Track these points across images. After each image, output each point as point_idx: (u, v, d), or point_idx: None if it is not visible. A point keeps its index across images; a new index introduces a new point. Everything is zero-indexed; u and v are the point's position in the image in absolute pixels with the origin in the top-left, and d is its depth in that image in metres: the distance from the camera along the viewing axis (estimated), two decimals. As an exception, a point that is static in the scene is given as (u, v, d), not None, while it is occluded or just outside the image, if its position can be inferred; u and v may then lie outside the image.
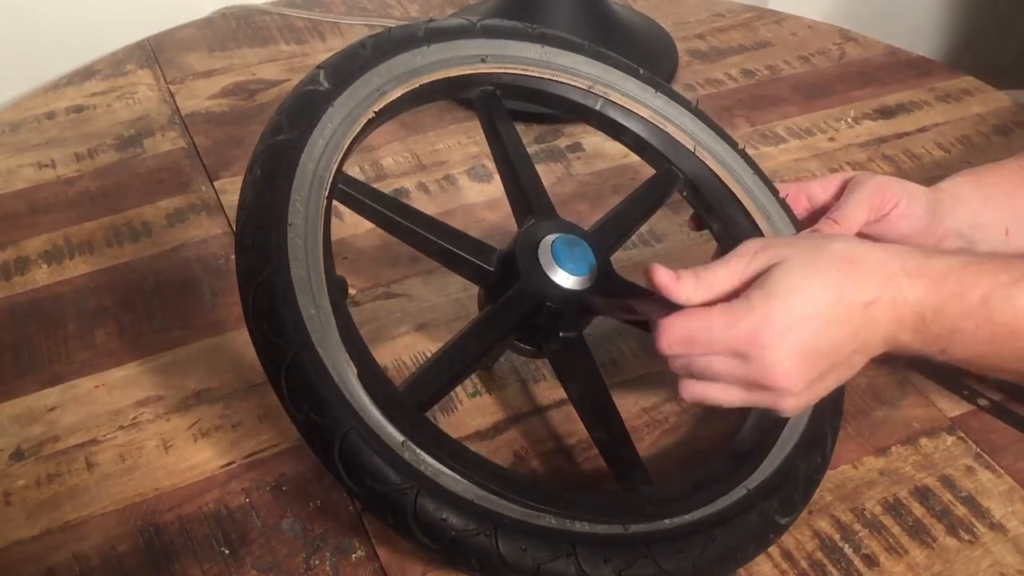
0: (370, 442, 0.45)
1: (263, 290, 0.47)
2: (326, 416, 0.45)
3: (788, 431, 0.55)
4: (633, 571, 0.46)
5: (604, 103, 0.65)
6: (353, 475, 0.45)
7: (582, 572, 0.46)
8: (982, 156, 0.86)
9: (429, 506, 0.45)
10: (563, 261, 0.55)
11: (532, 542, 0.46)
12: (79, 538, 0.55)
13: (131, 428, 0.61)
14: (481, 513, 0.46)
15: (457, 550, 0.45)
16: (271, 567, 0.53)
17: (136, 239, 0.75)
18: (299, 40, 1.00)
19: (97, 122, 0.88)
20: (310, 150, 0.51)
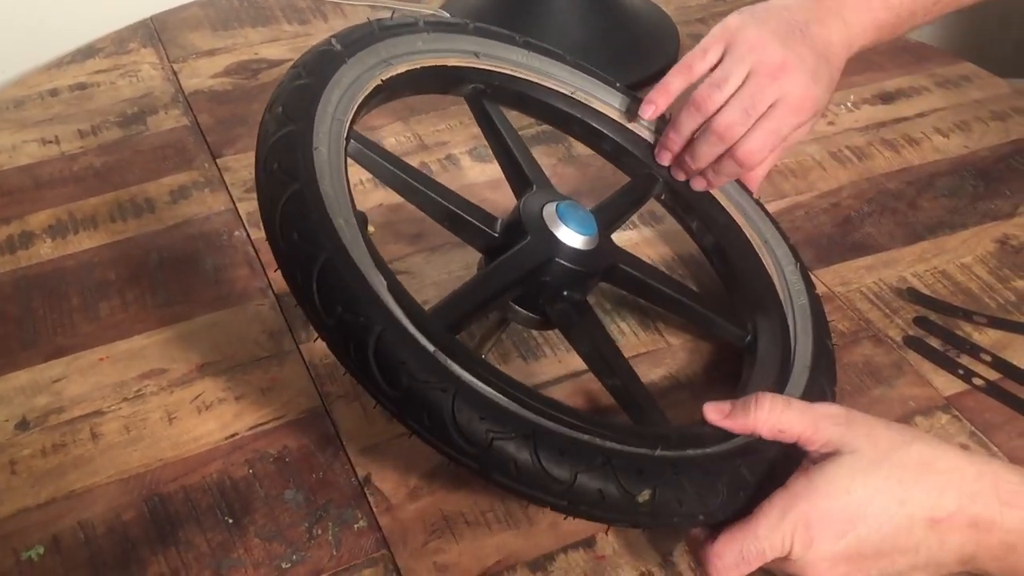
0: (406, 342, 0.45)
1: (293, 201, 0.47)
2: (361, 315, 0.44)
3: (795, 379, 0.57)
4: (665, 485, 0.46)
5: (585, 109, 0.68)
6: (388, 374, 0.44)
7: (618, 483, 0.45)
8: (980, 141, 0.86)
9: (468, 407, 0.44)
10: (568, 221, 0.56)
11: (570, 451, 0.45)
12: (84, 506, 0.55)
13: (135, 400, 0.61)
14: (520, 419, 0.45)
15: (494, 455, 0.44)
16: (274, 536, 0.54)
17: (140, 215, 0.75)
18: (302, 20, 1.01)
19: (100, 99, 0.88)
20: (327, 96, 0.53)
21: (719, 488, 0.47)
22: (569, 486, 0.44)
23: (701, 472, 0.47)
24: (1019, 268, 0.73)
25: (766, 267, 0.65)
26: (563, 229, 0.56)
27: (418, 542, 0.54)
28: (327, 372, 0.63)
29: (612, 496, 0.44)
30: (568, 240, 0.56)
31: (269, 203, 0.48)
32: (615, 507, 0.45)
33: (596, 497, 0.44)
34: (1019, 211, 0.79)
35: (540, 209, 0.57)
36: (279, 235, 0.47)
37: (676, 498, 0.46)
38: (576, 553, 0.54)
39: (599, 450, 0.45)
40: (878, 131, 0.87)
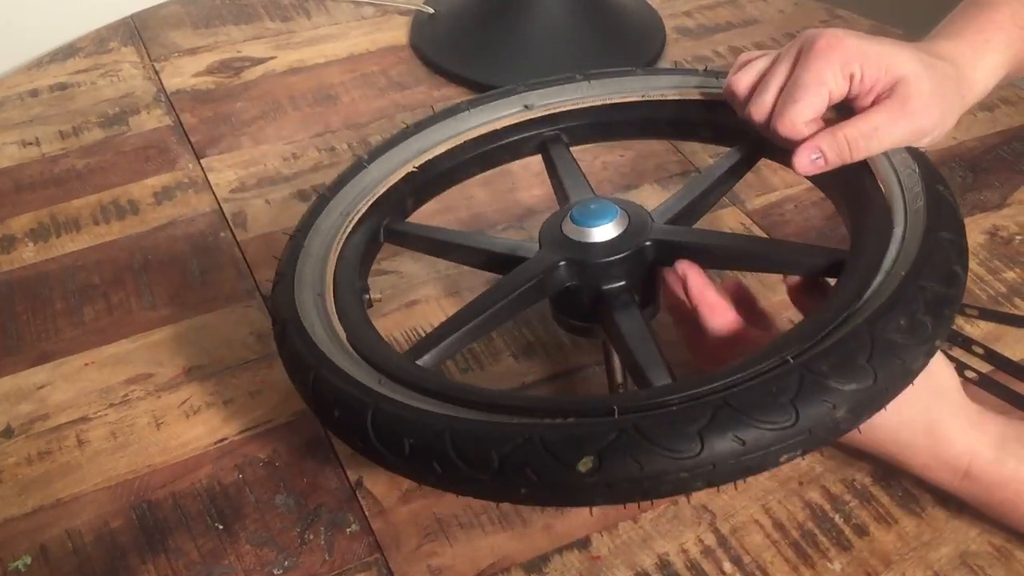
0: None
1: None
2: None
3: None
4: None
5: (663, 106, 0.63)
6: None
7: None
8: (968, 132, 0.86)
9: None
10: (581, 220, 0.53)
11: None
12: (71, 515, 0.55)
13: (122, 405, 0.60)
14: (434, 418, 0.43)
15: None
16: (265, 541, 0.53)
17: (123, 217, 0.74)
18: (284, 17, 1.00)
19: (81, 100, 0.87)
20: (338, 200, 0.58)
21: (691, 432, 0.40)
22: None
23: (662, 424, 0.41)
24: (1009, 259, 0.73)
25: (880, 184, 0.56)
26: (572, 227, 0.53)
27: (411, 545, 0.53)
28: (316, 374, 0.62)
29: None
30: (577, 236, 0.53)
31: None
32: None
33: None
34: (1008, 202, 0.78)
35: (559, 219, 0.55)
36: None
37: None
38: (571, 554, 0.53)
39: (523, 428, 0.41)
40: (866, 123, 0.87)
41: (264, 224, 0.74)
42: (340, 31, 0.98)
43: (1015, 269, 0.72)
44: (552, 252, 0.53)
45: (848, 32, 0.55)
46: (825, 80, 0.54)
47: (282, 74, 0.91)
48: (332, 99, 0.88)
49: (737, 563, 0.53)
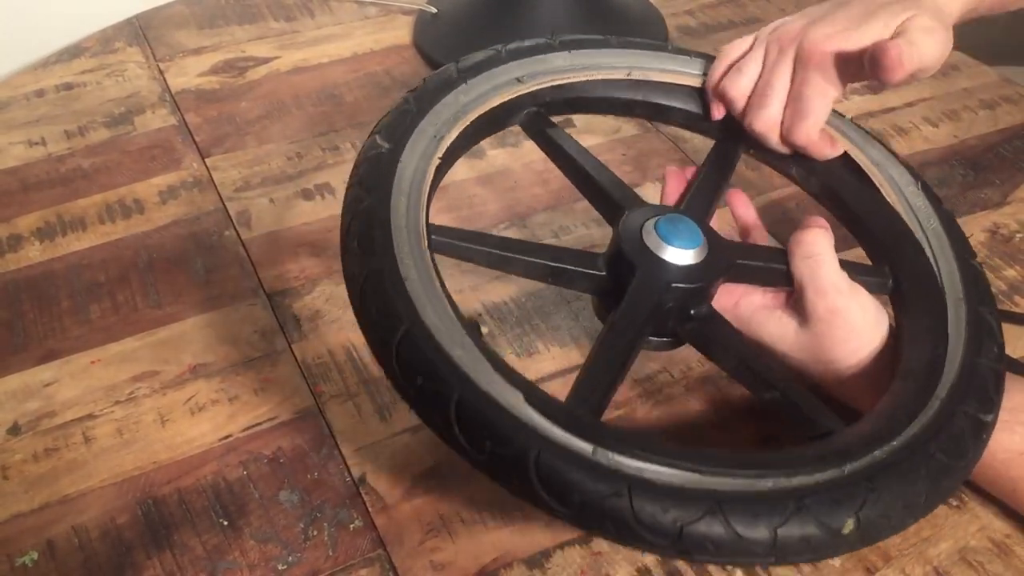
0: (562, 455, 0.42)
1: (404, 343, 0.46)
2: (511, 444, 0.42)
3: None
4: (866, 514, 0.43)
5: (646, 87, 0.64)
6: (557, 495, 0.42)
7: (819, 523, 0.42)
8: (969, 130, 0.87)
9: (647, 502, 0.41)
10: (672, 239, 0.53)
11: (761, 509, 0.42)
12: (78, 511, 0.55)
13: (128, 403, 0.61)
14: (702, 494, 0.42)
15: (688, 541, 0.41)
16: (269, 537, 0.54)
17: (128, 216, 0.75)
18: (288, 17, 1.00)
19: (87, 100, 0.88)
20: (395, 210, 0.50)
21: (920, 490, 0.44)
22: (771, 545, 0.42)
23: (898, 478, 0.44)
24: (1010, 257, 0.73)
25: (885, 196, 0.60)
26: (669, 250, 0.53)
27: (414, 541, 0.54)
28: (320, 372, 0.63)
29: (816, 538, 0.42)
30: (678, 260, 0.53)
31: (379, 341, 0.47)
32: (823, 547, 0.43)
33: (802, 546, 0.42)
34: (1009, 200, 0.79)
35: (640, 234, 0.54)
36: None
37: (882, 515, 0.43)
38: (572, 549, 0.54)
39: (788, 494, 0.42)
40: (867, 121, 0.87)
41: (268, 223, 0.74)
42: (344, 31, 0.98)
43: (1015, 267, 0.72)
44: (656, 274, 0.52)
45: (825, 23, 0.57)
46: (828, 93, 0.57)
47: (286, 74, 0.91)
48: (336, 98, 0.88)
49: (737, 558, 0.53)
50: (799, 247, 0.56)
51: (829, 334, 0.54)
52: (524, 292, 0.69)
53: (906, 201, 0.60)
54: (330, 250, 0.72)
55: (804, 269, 0.55)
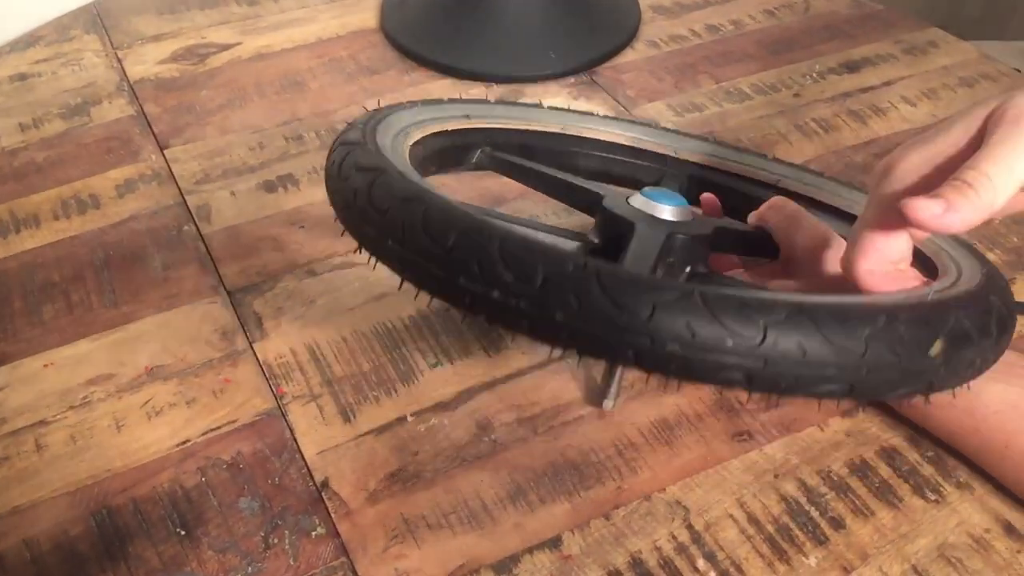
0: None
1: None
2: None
3: None
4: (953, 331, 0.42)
5: (584, 142, 0.67)
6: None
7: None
8: (947, 109, 0.85)
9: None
10: (661, 199, 0.54)
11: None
12: (29, 523, 0.53)
13: (81, 408, 0.59)
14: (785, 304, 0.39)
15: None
16: (228, 547, 0.52)
17: (84, 211, 0.72)
18: (251, 1, 0.97)
19: (42, 90, 0.85)
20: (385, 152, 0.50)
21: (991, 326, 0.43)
22: (862, 355, 0.39)
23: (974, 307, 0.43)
24: (989, 240, 0.71)
25: (830, 202, 0.63)
26: (662, 207, 0.53)
27: (378, 548, 0.52)
28: (282, 372, 0.61)
29: (906, 356, 0.40)
30: (672, 216, 0.53)
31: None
32: (911, 368, 0.40)
33: (892, 359, 0.40)
34: (988, 181, 0.77)
35: (627, 203, 0.54)
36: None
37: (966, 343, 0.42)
38: (542, 554, 0.52)
39: (880, 309, 0.40)
40: (844, 101, 0.86)
41: (229, 217, 0.72)
42: (308, 15, 0.96)
43: (995, 250, 0.71)
44: (656, 226, 0.52)
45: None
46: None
47: (248, 60, 0.89)
48: (300, 85, 0.86)
49: (711, 559, 0.52)
50: (773, 211, 0.57)
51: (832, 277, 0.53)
52: (493, 285, 0.67)
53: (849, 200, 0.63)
54: (293, 244, 0.70)
55: (787, 225, 0.55)
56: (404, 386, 0.60)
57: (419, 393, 0.60)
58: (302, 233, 0.71)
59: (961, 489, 0.55)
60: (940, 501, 0.54)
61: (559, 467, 0.56)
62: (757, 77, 0.89)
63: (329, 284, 0.67)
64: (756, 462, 0.56)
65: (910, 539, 0.53)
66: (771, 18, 0.97)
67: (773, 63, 0.91)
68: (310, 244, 0.70)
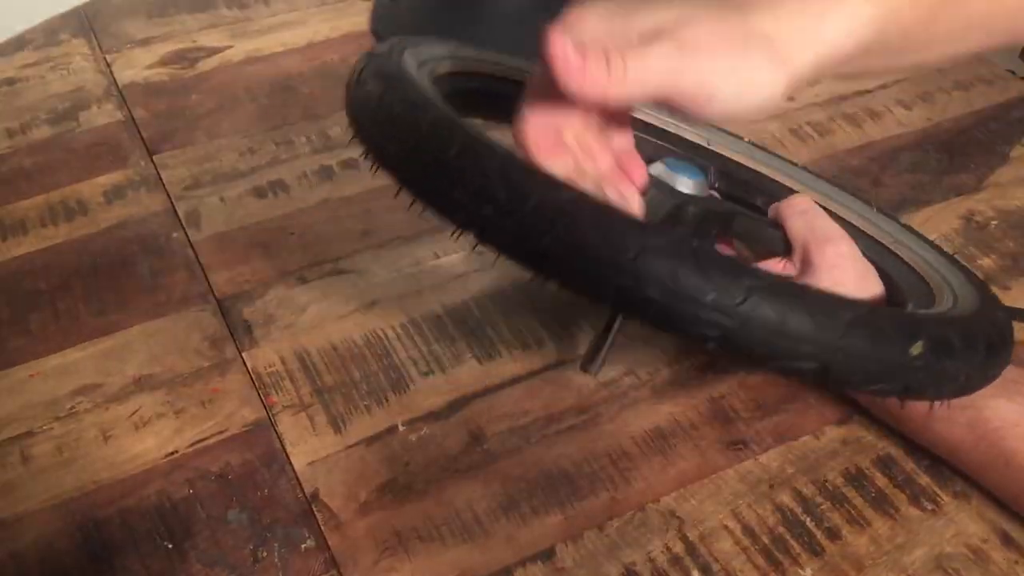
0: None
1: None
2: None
3: None
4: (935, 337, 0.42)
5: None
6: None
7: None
8: (943, 113, 0.84)
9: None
10: (681, 171, 0.54)
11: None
12: (14, 537, 0.52)
13: (68, 418, 0.58)
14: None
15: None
16: (216, 560, 0.51)
17: (72, 218, 0.72)
18: (242, 4, 0.96)
19: (30, 95, 0.84)
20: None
21: (978, 347, 0.44)
22: (840, 336, 0.39)
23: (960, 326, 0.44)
24: (985, 245, 0.71)
25: (846, 217, 0.62)
26: (678, 178, 0.54)
27: (369, 561, 0.51)
28: (272, 381, 0.60)
29: (884, 348, 0.40)
30: (686, 188, 0.54)
31: None
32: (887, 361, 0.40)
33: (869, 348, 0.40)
34: (984, 185, 0.77)
35: (647, 168, 0.53)
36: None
37: (946, 354, 0.42)
38: (534, 566, 0.51)
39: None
40: (839, 105, 0.85)
41: (219, 223, 0.71)
42: (299, 18, 0.95)
43: (991, 256, 0.70)
44: (670, 195, 0.53)
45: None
46: None
47: (239, 64, 0.88)
48: (291, 90, 0.85)
49: (706, 571, 0.51)
50: (789, 207, 0.56)
51: (843, 281, 0.52)
52: (486, 292, 0.66)
53: (864, 216, 0.62)
54: (284, 251, 0.69)
55: (801, 223, 0.55)
56: (395, 395, 0.59)
57: (410, 402, 0.59)
58: (293, 240, 0.70)
59: (958, 499, 0.54)
60: (937, 511, 0.54)
61: (552, 477, 0.55)
62: (751, 80, 0.88)
63: (320, 292, 0.66)
64: (751, 471, 0.56)
65: (907, 550, 0.52)
66: (765, 21, 0.97)
67: (767, 66, 0.90)
68: (301, 251, 0.69)
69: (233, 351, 0.62)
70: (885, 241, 0.60)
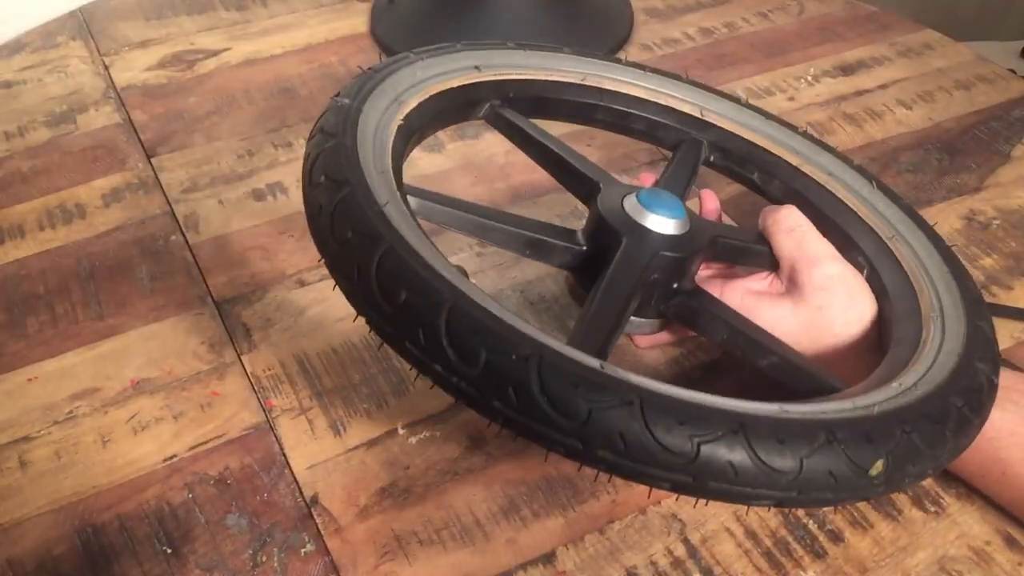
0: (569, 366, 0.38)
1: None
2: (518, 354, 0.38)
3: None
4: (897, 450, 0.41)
5: (603, 94, 0.64)
6: (560, 407, 0.38)
7: (849, 460, 0.39)
8: (944, 112, 0.84)
9: (659, 415, 0.37)
10: (655, 207, 0.53)
11: (787, 436, 0.39)
12: (12, 542, 0.52)
13: (66, 423, 0.58)
14: (724, 414, 0.38)
15: (707, 464, 0.37)
16: (215, 565, 0.51)
17: (69, 221, 0.71)
18: (240, 6, 0.96)
19: (27, 98, 0.84)
20: (363, 153, 0.47)
21: (947, 435, 0.42)
22: (796, 475, 0.38)
23: (927, 420, 0.42)
24: (986, 245, 0.71)
25: (845, 201, 0.60)
26: (653, 218, 0.52)
27: (369, 565, 0.51)
28: (271, 385, 0.60)
29: (844, 475, 0.39)
30: (663, 229, 0.52)
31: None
32: (848, 487, 0.40)
33: (827, 480, 0.39)
34: (985, 184, 0.76)
35: (621, 205, 0.53)
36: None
37: (910, 460, 0.41)
38: (535, 569, 0.51)
39: (818, 425, 0.40)
40: (839, 105, 0.85)
41: (217, 226, 0.71)
42: (297, 20, 0.95)
43: (992, 255, 0.70)
44: (643, 242, 0.52)
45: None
46: None
47: (237, 66, 0.88)
48: (289, 92, 0.85)
49: (708, 574, 0.51)
50: (777, 223, 0.55)
51: (830, 304, 0.52)
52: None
53: (872, 208, 0.60)
54: (282, 253, 0.69)
55: (790, 243, 0.54)
56: (395, 398, 0.59)
57: (410, 405, 0.59)
58: (291, 242, 0.70)
59: (961, 501, 0.54)
60: (940, 513, 0.54)
61: (553, 481, 0.55)
62: (751, 80, 0.88)
63: (319, 294, 0.66)
64: (753, 474, 0.55)
65: (910, 552, 0.52)
66: (765, 21, 0.97)
67: (767, 66, 0.90)
68: (299, 253, 0.68)
69: (232, 354, 0.62)
70: (883, 233, 0.58)
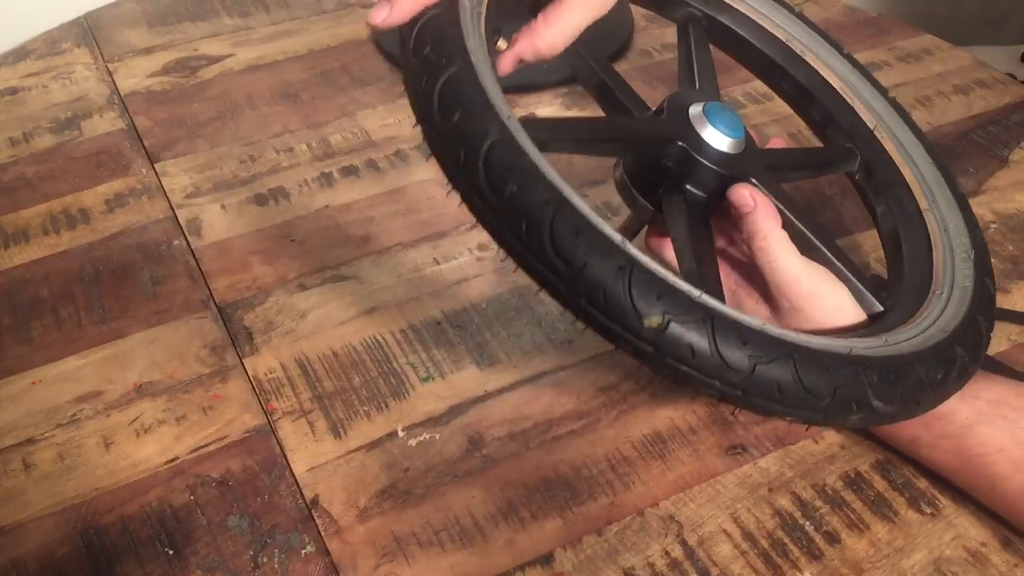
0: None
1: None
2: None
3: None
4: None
5: (800, 65, 0.64)
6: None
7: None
8: (942, 117, 0.85)
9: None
10: (714, 119, 0.53)
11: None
12: (16, 543, 0.52)
13: (70, 426, 0.58)
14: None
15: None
16: (217, 566, 0.51)
17: (73, 226, 0.72)
18: (243, 13, 0.97)
19: (32, 104, 0.85)
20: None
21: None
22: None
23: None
24: (984, 249, 0.71)
25: (934, 263, 0.59)
26: (706, 127, 0.52)
27: (369, 566, 0.52)
28: (272, 387, 0.60)
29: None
30: (707, 136, 0.52)
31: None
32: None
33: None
34: (983, 188, 0.77)
35: (687, 103, 0.53)
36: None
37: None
38: (533, 570, 0.51)
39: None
40: (838, 110, 0.85)
41: (220, 231, 0.71)
42: (300, 26, 0.95)
43: (992, 259, 0.70)
44: (679, 129, 0.52)
45: None
46: None
47: (240, 72, 0.88)
48: (291, 97, 0.85)
49: (705, 575, 0.51)
50: (749, 237, 0.53)
51: (811, 319, 0.52)
52: (485, 297, 0.66)
53: (951, 263, 0.58)
54: (284, 258, 0.69)
55: (761, 261, 0.52)
56: (395, 401, 0.60)
57: (410, 408, 0.59)
58: (293, 247, 0.70)
59: (957, 502, 0.54)
60: (936, 514, 0.54)
61: (551, 482, 0.55)
62: (751, 85, 0.88)
63: (320, 298, 0.66)
64: (750, 476, 0.56)
65: (906, 553, 0.52)
66: (764, 26, 0.97)
67: (767, 71, 0.90)
68: (301, 258, 0.69)
69: (234, 358, 0.62)
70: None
